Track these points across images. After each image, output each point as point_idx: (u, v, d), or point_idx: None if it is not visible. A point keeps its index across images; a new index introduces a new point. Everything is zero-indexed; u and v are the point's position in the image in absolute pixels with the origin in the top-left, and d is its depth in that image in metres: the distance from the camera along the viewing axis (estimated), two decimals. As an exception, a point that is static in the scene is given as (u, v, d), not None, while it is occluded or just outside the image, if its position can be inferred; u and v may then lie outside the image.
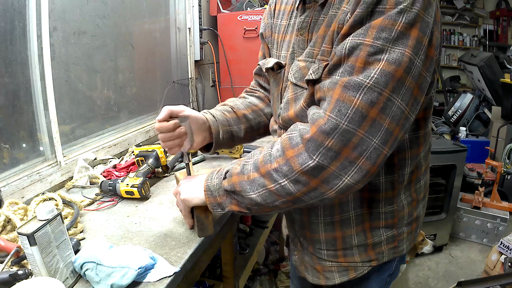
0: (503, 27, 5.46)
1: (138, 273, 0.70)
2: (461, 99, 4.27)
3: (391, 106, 0.54)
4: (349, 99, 0.54)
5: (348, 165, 0.55)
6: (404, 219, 0.77)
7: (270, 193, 0.61)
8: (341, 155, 0.55)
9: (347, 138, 0.54)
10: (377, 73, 0.53)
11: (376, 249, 0.76)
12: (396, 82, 0.54)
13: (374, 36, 0.54)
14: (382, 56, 0.54)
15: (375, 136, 0.55)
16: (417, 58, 0.55)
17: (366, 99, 0.54)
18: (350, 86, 0.54)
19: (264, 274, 2.14)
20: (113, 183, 1.12)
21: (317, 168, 0.56)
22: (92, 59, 1.53)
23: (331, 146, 0.55)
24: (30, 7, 1.18)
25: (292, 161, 0.58)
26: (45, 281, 0.63)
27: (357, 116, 0.54)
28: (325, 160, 0.56)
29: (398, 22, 0.54)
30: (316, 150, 0.56)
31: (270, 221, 2.08)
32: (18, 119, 1.20)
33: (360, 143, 0.54)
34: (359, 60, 0.55)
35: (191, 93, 2.29)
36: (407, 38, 0.54)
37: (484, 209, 2.70)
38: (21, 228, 0.66)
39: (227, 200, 0.69)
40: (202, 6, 2.34)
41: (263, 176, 0.62)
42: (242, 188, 0.65)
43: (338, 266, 0.78)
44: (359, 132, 0.54)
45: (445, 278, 2.37)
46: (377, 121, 0.54)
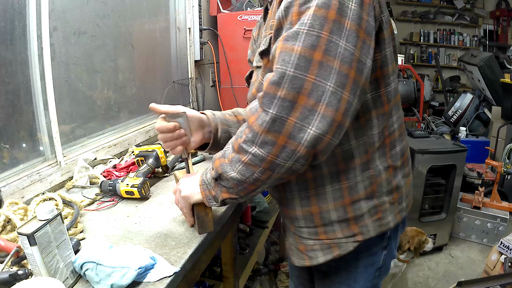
0: (503, 27, 5.47)
1: (138, 273, 0.70)
2: (461, 99, 4.28)
3: (335, 48, 0.55)
4: (290, 48, 0.55)
5: (309, 113, 0.55)
6: (383, 186, 0.74)
7: (246, 165, 0.61)
8: (298, 104, 0.55)
9: (298, 84, 0.54)
10: (309, 18, 0.55)
11: (359, 222, 0.74)
12: (332, 23, 0.55)
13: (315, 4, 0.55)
14: (311, 3, 0.55)
15: (327, 79, 0.54)
16: (350, 2, 0.56)
17: (305, 43, 0.54)
18: (289, 37, 0.56)
19: (264, 274, 2.14)
20: (113, 183, 1.12)
21: (276, 121, 0.55)
22: (92, 59, 1.53)
23: (284, 96, 0.55)
24: (30, 7, 1.18)
25: (254, 125, 0.58)
26: (45, 281, 0.63)
27: (302, 61, 0.54)
28: (283, 111, 0.55)
29: None
30: (270, 103, 0.56)
31: (270, 221, 2.08)
32: (18, 119, 1.20)
33: (313, 88, 0.54)
34: (293, 15, 0.57)
35: (191, 93, 2.29)
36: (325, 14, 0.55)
37: (484, 209, 2.70)
38: (21, 228, 0.66)
39: (218, 189, 0.69)
40: (202, 6, 2.34)
41: (237, 152, 0.62)
42: (223, 170, 0.65)
43: (320, 244, 0.76)
44: (309, 77, 0.54)
45: (445, 278, 2.37)
46: (324, 63, 0.54)
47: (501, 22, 5.47)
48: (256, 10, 2.39)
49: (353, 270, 0.81)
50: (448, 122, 4.37)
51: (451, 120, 4.30)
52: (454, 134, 4.17)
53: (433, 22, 5.91)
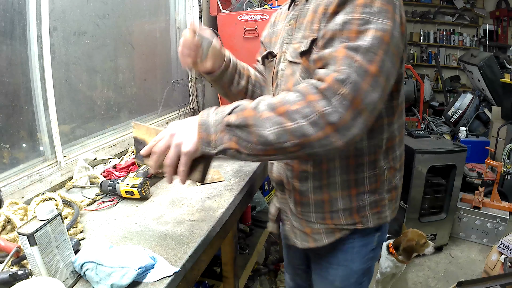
0: (503, 27, 5.47)
1: (138, 273, 0.70)
2: (461, 99, 4.28)
3: (384, 66, 0.64)
4: (352, 57, 0.63)
5: (357, 115, 0.62)
6: (385, 184, 0.85)
7: (286, 131, 0.62)
8: (353, 105, 0.61)
9: (357, 88, 0.61)
10: (370, 38, 0.64)
11: (361, 213, 0.85)
12: (386, 45, 0.64)
13: (360, 11, 0.65)
14: (370, 26, 0.64)
15: (376, 91, 0.63)
16: (395, 30, 0.66)
17: (365, 57, 0.63)
18: (351, 48, 0.63)
19: (264, 274, 2.14)
20: (113, 183, 1.12)
21: (334, 113, 0.61)
22: (92, 59, 1.53)
23: (345, 94, 0.61)
24: (30, 7, 1.18)
25: (314, 104, 0.62)
26: (45, 281, 0.63)
27: (362, 71, 0.62)
28: (341, 107, 0.61)
29: (375, 0, 0.65)
30: (333, 96, 0.61)
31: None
32: (18, 119, 1.20)
33: (366, 96, 0.62)
34: (352, 31, 0.65)
35: (191, 93, 2.29)
36: (385, 12, 0.65)
37: (484, 209, 2.70)
38: (21, 228, 0.66)
39: (226, 136, 0.66)
40: (202, 6, 2.34)
41: (281, 115, 0.63)
42: (255, 122, 0.64)
43: (325, 228, 0.87)
44: (364, 86, 0.62)
45: (445, 278, 2.37)
46: (376, 77, 0.63)
47: (501, 22, 5.47)
48: (256, 10, 2.39)
49: (349, 251, 0.90)
50: (448, 122, 4.37)
51: (451, 120, 4.30)
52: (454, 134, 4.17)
53: (433, 22, 5.91)
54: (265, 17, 2.30)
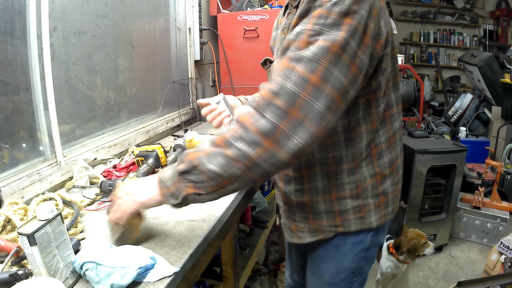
0: (503, 27, 5.47)
1: (138, 273, 0.70)
2: (461, 99, 4.28)
3: (330, 76, 0.63)
4: (292, 67, 0.63)
5: (296, 125, 0.61)
6: (368, 190, 0.85)
7: (228, 159, 0.64)
8: (289, 115, 0.61)
9: (293, 98, 0.61)
10: (315, 47, 0.63)
11: (343, 216, 0.86)
12: (332, 55, 0.63)
13: (313, 23, 0.65)
14: (320, 37, 0.64)
15: (318, 100, 0.62)
16: (351, 41, 0.64)
17: (306, 67, 0.62)
18: (293, 58, 0.64)
19: (264, 274, 2.14)
20: (113, 183, 1.12)
21: (268, 125, 0.61)
22: (92, 59, 1.53)
23: (279, 105, 0.61)
24: (30, 7, 1.18)
25: (246, 123, 0.63)
26: (45, 281, 0.63)
27: (300, 80, 0.62)
28: (275, 118, 0.61)
29: (332, 11, 0.64)
30: (266, 108, 0.62)
31: (270, 221, 2.08)
32: (18, 119, 1.20)
33: (305, 105, 0.61)
34: (302, 41, 0.65)
35: (191, 93, 2.29)
36: (340, 24, 0.64)
37: (484, 209, 2.70)
38: (21, 228, 0.66)
39: (182, 184, 0.69)
40: (202, 6, 2.34)
41: (219, 146, 0.65)
42: (199, 161, 0.66)
43: (308, 227, 0.91)
44: (303, 94, 0.61)
45: (445, 278, 2.37)
46: (318, 86, 0.62)
47: (501, 22, 5.47)
48: (256, 10, 2.39)
49: (340, 247, 0.91)
50: (448, 122, 4.37)
51: (451, 120, 4.30)
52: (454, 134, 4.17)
53: (433, 22, 5.90)
54: (265, 17, 2.30)
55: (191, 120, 2.24)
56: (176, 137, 1.92)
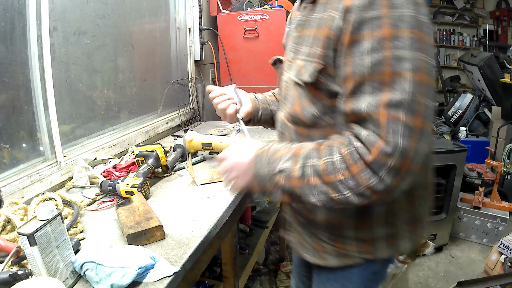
0: (503, 27, 5.46)
1: (138, 273, 0.70)
2: (461, 99, 4.28)
3: (429, 111, 0.60)
4: (397, 117, 0.58)
5: (407, 176, 0.60)
6: (403, 217, 0.78)
7: (332, 200, 0.64)
8: (402, 170, 0.59)
9: (406, 153, 0.58)
10: (409, 86, 0.58)
11: (375, 244, 0.79)
12: (425, 87, 0.59)
13: (391, 47, 0.58)
14: (405, 65, 0.58)
15: (424, 143, 0.59)
16: (430, 59, 0.60)
17: (409, 113, 0.58)
18: (392, 105, 0.58)
19: (264, 274, 2.14)
20: (113, 183, 1.12)
21: (381, 184, 0.60)
22: (92, 59, 1.53)
23: (394, 165, 0.59)
24: (30, 7, 1.18)
25: (358, 176, 0.61)
26: (45, 281, 0.63)
27: (407, 131, 0.58)
28: (389, 178, 0.59)
29: (401, 28, 0.58)
30: (380, 169, 0.59)
31: (270, 221, 2.08)
32: (18, 119, 1.20)
33: (415, 155, 0.59)
34: (385, 74, 0.58)
35: (191, 93, 2.29)
36: (417, 42, 0.58)
37: (484, 209, 2.70)
38: (21, 228, 0.66)
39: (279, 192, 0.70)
40: (202, 6, 2.34)
41: (326, 184, 0.64)
42: (302, 192, 0.67)
43: (336, 250, 0.82)
44: (412, 144, 0.58)
45: (445, 278, 2.37)
46: (424, 129, 0.59)
47: (501, 22, 5.47)
48: (256, 10, 2.39)
49: (347, 270, 0.84)
50: (448, 122, 4.37)
51: (451, 120, 4.30)
52: (454, 134, 4.17)
53: (433, 22, 5.90)
54: (265, 17, 2.30)
55: (191, 120, 2.24)
56: (176, 137, 1.92)
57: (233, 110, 1.01)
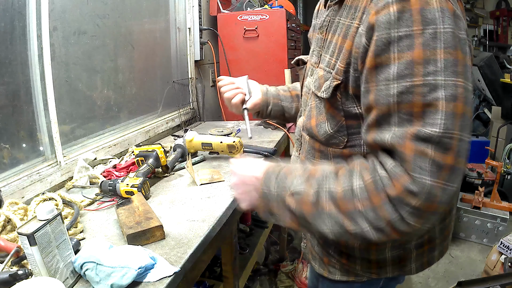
0: (503, 27, 5.47)
1: (138, 273, 0.70)
2: (461, 99, 4.27)
3: (463, 146, 0.52)
4: (425, 153, 0.51)
5: (432, 217, 0.53)
6: (413, 240, 0.74)
7: (347, 232, 0.57)
8: (426, 212, 0.53)
9: (433, 195, 0.51)
10: (441, 118, 0.50)
11: (380, 264, 0.75)
12: (460, 118, 0.51)
13: (422, 73, 0.50)
14: (438, 95, 0.50)
15: (454, 182, 0.52)
16: (468, 82, 0.52)
17: (439, 149, 0.50)
18: (421, 139, 0.51)
19: (264, 274, 2.14)
20: (113, 183, 1.12)
21: (403, 224, 0.53)
22: (92, 59, 1.53)
23: (418, 206, 0.52)
24: (30, 7, 1.18)
25: (380, 209, 0.54)
26: (45, 281, 0.63)
27: (435, 168, 0.51)
28: (412, 219, 0.53)
29: (437, 49, 0.50)
30: (403, 207, 0.53)
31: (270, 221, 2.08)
32: (18, 119, 1.20)
33: (443, 195, 0.52)
34: (415, 105, 0.51)
35: (191, 93, 2.29)
36: (453, 65, 0.50)
37: (484, 209, 2.70)
38: (21, 228, 0.66)
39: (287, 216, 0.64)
40: (202, 6, 2.34)
41: (342, 213, 0.57)
42: (313, 221, 0.60)
43: (340, 265, 0.80)
44: (440, 184, 0.51)
45: (445, 278, 2.37)
46: (455, 167, 0.51)
47: (501, 22, 5.47)
48: (256, 10, 2.39)
49: (351, 285, 0.81)
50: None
51: (451, 120, 4.29)
52: (454, 134, 4.17)
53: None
54: (265, 17, 2.31)
55: (191, 120, 2.24)
56: (176, 137, 1.92)
57: (239, 100, 0.97)
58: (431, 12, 0.50)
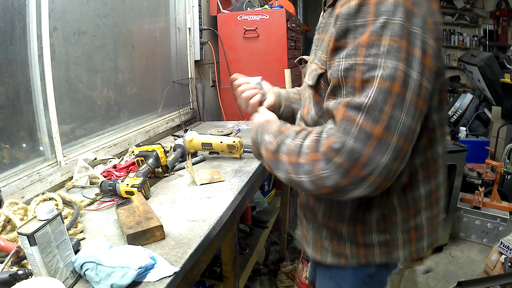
0: (503, 27, 5.47)
1: (138, 273, 0.70)
2: (461, 99, 4.28)
3: (395, 123, 0.55)
4: (352, 118, 0.56)
5: (359, 181, 0.58)
6: (398, 225, 0.77)
7: (291, 180, 0.67)
8: (351, 173, 0.57)
9: (355, 157, 0.56)
10: (374, 91, 0.55)
11: (367, 249, 0.79)
12: (396, 98, 0.55)
13: (364, 54, 0.57)
14: (375, 72, 0.56)
15: (383, 155, 0.56)
16: (412, 71, 0.56)
17: (368, 118, 0.55)
18: (352, 107, 0.57)
19: (264, 274, 2.14)
20: (113, 183, 1.12)
21: (330, 179, 0.59)
22: (92, 59, 1.53)
23: (340, 163, 0.57)
24: (30, 7, 1.18)
25: (314, 164, 0.61)
26: (45, 281, 0.63)
27: (362, 135, 0.55)
28: (337, 175, 0.58)
29: (383, 36, 0.56)
30: (328, 163, 0.59)
31: (270, 221, 2.08)
32: (18, 119, 1.20)
33: (368, 162, 0.56)
34: (356, 80, 0.58)
35: (191, 93, 2.29)
36: (396, 51, 0.55)
37: (484, 209, 2.70)
38: (21, 228, 0.66)
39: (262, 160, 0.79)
40: (202, 6, 2.34)
41: (290, 164, 0.67)
42: (271, 164, 0.74)
43: (332, 248, 0.84)
44: (366, 152, 0.55)
45: (445, 278, 2.37)
46: (383, 139, 0.55)
47: (501, 22, 5.47)
48: (256, 10, 2.39)
49: (341, 269, 0.85)
50: (448, 122, 4.37)
51: (451, 120, 4.30)
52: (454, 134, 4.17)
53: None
54: (265, 17, 2.31)
55: (191, 120, 2.24)
56: (176, 137, 1.92)
57: (257, 100, 1.03)
58: (385, 6, 0.56)
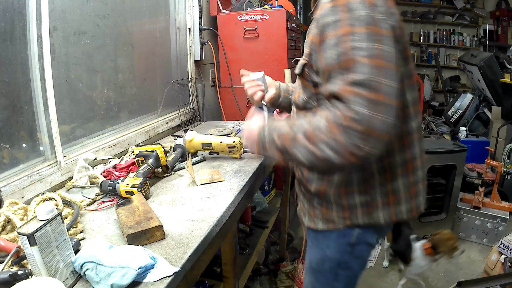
0: (503, 27, 5.47)
1: (138, 273, 0.70)
2: (461, 99, 4.28)
3: (389, 89, 0.70)
4: (360, 93, 0.69)
5: (378, 142, 0.70)
6: (376, 187, 0.89)
7: (317, 159, 0.75)
8: (373, 137, 0.69)
9: (372, 121, 0.69)
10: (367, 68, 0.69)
11: (351, 210, 0.91)
12: (383, 70, 0.70)
13: (348, 40, 0.71)
14: (363, 53, 0.70)
15: (390, 115, 0.69)
16: (386, 46, 0.71)
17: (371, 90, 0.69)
18: (355, 83, 0.70)
19: (264, 274, 2.14)
20: (113, 183, 1.12)
21: (355, 147, 0.70)
22: (92, 59, 1.53)
23: (363, 131, 0.69)
24: (30, 7, 1.18)
25: (338, 138, 0.71)
26: (45, 281, 0.63)
27: (372, 104, 0.69)
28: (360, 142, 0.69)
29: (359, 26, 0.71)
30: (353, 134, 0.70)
31: (270, 221, 2.08)
32: (18, 119, 1.20)
33: (381, 124, 0.69)
34: (349, 62, 0.71)
35: (191, 93, 2.29)
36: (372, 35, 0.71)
37: (484, 209, 2.70)
38: (21, 228, 0.66)
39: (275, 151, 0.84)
40: (202, 6, 2.34)
41: (311, 144, 0.75)
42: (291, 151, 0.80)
43: (322, 215, 0.96)
44: (378, 116, 0.68)
45: (445, 278, 2.37)
46: (386, 103, 0.69)
47: (501, 22, 5.47)
48: (256, 10, 2.39)
49: (326, 236, 0.97)
50: (448, 122, 4.37)
51: (451, 120, 4.30)
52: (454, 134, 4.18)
53: (433, 22, 5.91)
54: (265, 17, 2.30)
55: (191, 120, 2.24)
56: (176, 137, 1.92)
57: (259, 96, 1.21)
58: (352, 4, 0.73)
